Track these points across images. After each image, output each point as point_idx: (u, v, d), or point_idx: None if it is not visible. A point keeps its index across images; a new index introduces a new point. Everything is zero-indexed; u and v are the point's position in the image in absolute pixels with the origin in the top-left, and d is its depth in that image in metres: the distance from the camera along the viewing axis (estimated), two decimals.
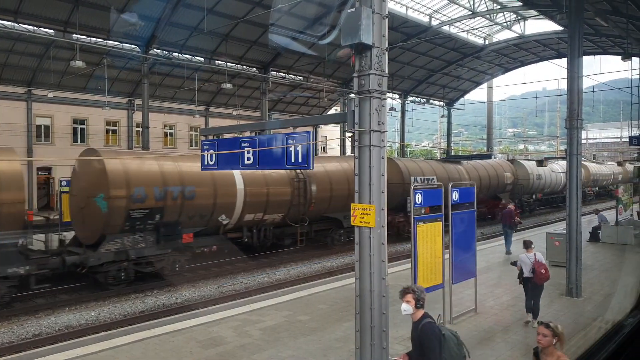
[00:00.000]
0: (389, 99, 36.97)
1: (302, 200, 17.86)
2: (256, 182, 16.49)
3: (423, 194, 8.62)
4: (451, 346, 4.73)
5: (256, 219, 16.89)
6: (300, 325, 9.47)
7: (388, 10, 6.11)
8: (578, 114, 11.42)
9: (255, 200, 16.33)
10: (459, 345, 4.83)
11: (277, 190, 17.10)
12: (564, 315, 10.00)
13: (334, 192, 19.10)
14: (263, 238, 17.43)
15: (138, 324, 10.51)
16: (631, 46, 24.07)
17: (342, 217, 19.60)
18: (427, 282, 8.65)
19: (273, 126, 14.33)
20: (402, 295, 4.96)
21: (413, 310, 4.78)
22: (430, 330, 4.65)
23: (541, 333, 4.20)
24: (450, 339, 4.77)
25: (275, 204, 17.09)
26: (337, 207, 19.33)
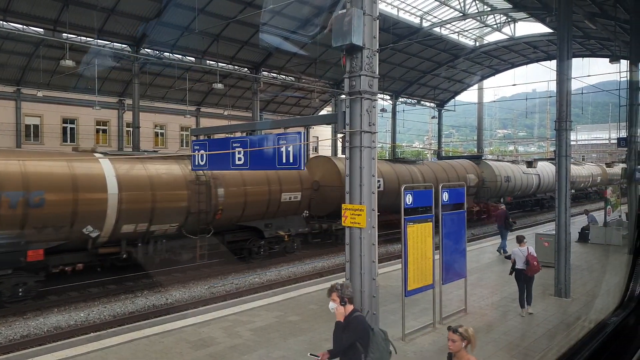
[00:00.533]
0: (380, 100, 37.10)
1: (205, 207, 14.86)
2: (137, 186, 13.46)
3: (414, 194, 8.66)
4: (379, 341, 4.82)
5: (139, 231, 13.69)
6: (291, 325, 9.47)
7: (379, 12, 6.14)
8: (567, 115, 11.53)
9: (134, 207, 13.24)
10: (386, 340, 4.91)
11: (167, 196, 14.06)
12: (552, 315, 10.09)
13: (249, 197, 16.32)
14: (152, 253, 14.33)
15: (128, 324, 10.45)
16: (619, 49, 24.37)
17: (262, 226, 17.09)
18: (418, 283, 8.70)
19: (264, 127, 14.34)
20: (329, 294, 5.05)
21: (337, 306, 4.84)
22: (359, 323, 4.73)
23: (450, 339, 4.14)
24: (379, 334, 4.87)
25: (165, 212, 14.03)
26: (255, 214, 16.81)
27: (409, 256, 8.42)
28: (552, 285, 11.59)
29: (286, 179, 17.67)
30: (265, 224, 17.25)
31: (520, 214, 33.40)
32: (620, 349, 1.27)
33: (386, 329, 8.58)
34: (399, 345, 8.33)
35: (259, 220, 17.13)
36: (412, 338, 8.64)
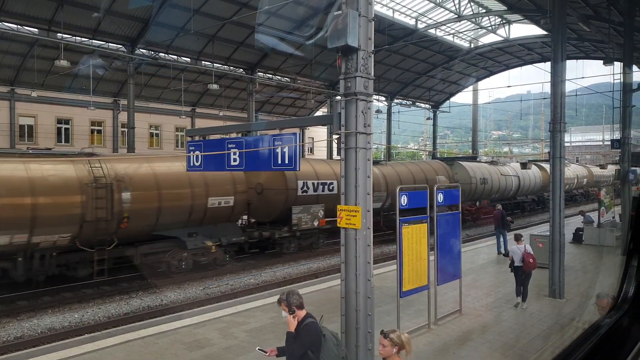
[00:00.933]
0: (375, 101, 37.15)
1: (105, 215, 12.70)
2: (10, 189, 11.36)
3: (408, 195, 8.68)
4: (330, 347, 4.73)
5: (17, 243, 11.54)
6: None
7: (374, 13, 6.15)
8: (561, 117, 11.59)
9: (8, 215, 11.21)
10: (338, 346, 4.85)
11: (53, 201, 11.91)
12: (547, 316, 10.13)
13: (165, 202, 14.04)
14: (38, 268, 12.26)
15: (122, 325, 10.41)
16: (613, 51, 24.52)
17: (184, 236, 14.88)
18: (413, 284, 8.72)
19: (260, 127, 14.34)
20: (278, 304, 4.99)
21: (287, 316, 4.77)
22: (310, 331, 4.66)
23: (381, 343, 4.08)
24: (330, 340, 4.79)
25: (51, 221, 11.88)
26: (174, 222, 14.60)
27: (404, 257, 8.44)
28: (546, 286, 11.64)
29: (215, 182, 15.57)
30: (189, 234, 15.10)
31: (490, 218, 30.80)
32: (613, 351, 1.28)
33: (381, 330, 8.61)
34: None
35: (181, 229, 14.85)
36: None
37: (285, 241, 18.26)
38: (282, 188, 17.82)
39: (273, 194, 18.04)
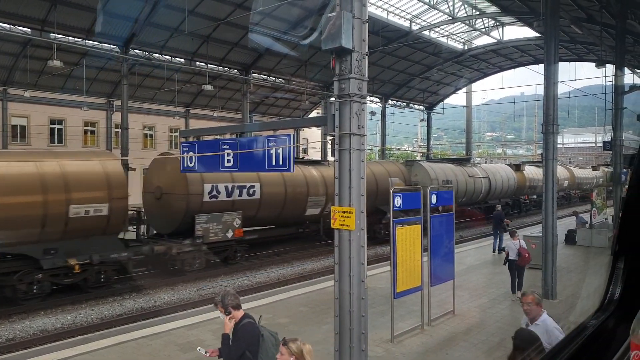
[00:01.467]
0: (369, 102, 37.22)
1: None
2: None
3: (402, 197, 8.72)
4: (269, 346, 4.72)
5: None
6: (280, 327, 9.46)
7: (368, 15, 6.18)
8: (554, 119, 11.68)
9: None
10: (277, 345, 4.85)
11: None
12: None
13: (7, 211, 11.35)
14: None
15: (115, 327, 10.37)
16: (605, 53, 24.71)
17: (38, 253, 12.12)
18: (406, 285, 8.75)
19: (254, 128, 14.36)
20: (215, 306, 4.94)
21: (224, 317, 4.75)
22: (248, 331, 4.65)
23: (279, 351, 4.07)
24: (269, 339, 4.78)
25: None
26: (20, 235, 11.85)
27: (397, 258, 8.47)
28: (539, 287, 11.71)
29: (79, 185, 12.62)
30: (46, 250, 12.16)
31: (465, 224, 27.14)
32: (598, 352, 1.30)
33: (375, 331, 8.65)
34: (388, 347, 8.38)
35: (33, 245, 12.03)
36: (400, 340, 8.68)
37: (187, 257, 15.22)
38: (182, 193, 15.19)
39: (173, 199, 15.41)
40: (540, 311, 4.90)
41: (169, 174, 15.78)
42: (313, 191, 19.15)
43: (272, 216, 18.32)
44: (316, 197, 19.32)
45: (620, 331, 1.31)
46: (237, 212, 16.38)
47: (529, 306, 4.93)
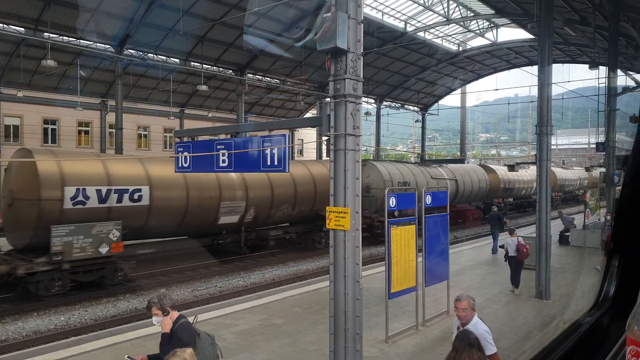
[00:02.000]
0: (364, 103, 37.27)
1: None
2: None
3: (397, 197, 8.73)
4: (205, 346, 4.75)
5: None
6: (275, 328, 9.46)
7: (364, 16, 6.19)
8: (548, 120, 11.74)
9: None
10: (213, 345, 4.85)
11: None
12: (532, 317, 10.24)
13: None
14: None
15: (109, 328, 10.32)
16: (598, 55, 24.87)
17: None
18: (401, 285, 8.77)
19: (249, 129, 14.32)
20: (148, 309, 4.79)
21: (162, 319, 4.68)
22: (185, 330, 4.65)
23: None
24: (205, 339, 4.81)
25: None
26: None
27: (392, 259, 8.48)
28: (534, 287, 11.77)
29: None
30: None
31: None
32: (593, 349, 1.31)
33: (370, 331, 8.66)
34: (383, 347, 8.39)
35: None
36: (395, 340, 8.69)
37: (43, 278, 12.20)
38: (33, 198, 12.20)
39: (23, 206, 12.51)
40: (473, 315, 4.91)
41: (22, 174, 12.83)
42: (228, 195, 16.35)
43: (169, 226, 15.22)
44: (232, 203, 16.53)
45: (615, 327, 1.33)
46: (115, 222, 13.30)
47: (464, 312, 4.92)
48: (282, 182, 18.19)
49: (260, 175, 17.16)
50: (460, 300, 5.02)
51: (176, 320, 4.70)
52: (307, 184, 19.39)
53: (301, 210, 19.37)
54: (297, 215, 19.43)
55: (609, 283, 1.52)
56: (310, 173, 19.62)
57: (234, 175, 16.72)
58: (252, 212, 17.47)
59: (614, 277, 1.51)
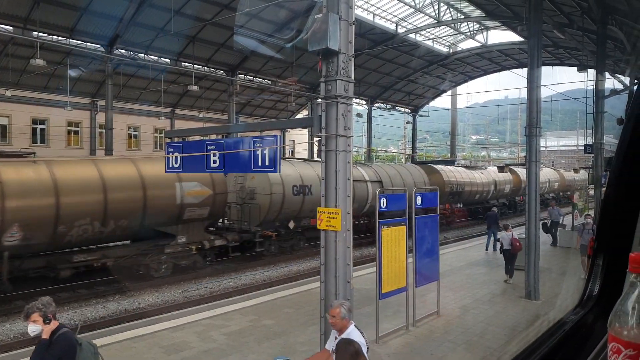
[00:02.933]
0: (355, 104, 37.34)
1: None
2: None
3: (388, 198, 8.77)
4: (87, 355, 4.59)
5: None
6: (266, 329, 9.45)
7: (355, 17, 6.22)
8: (537, 122, 11.85)
9: None
10: (96, 355, 4.68)
11: None
12: (522, 317, 10.33)
13: None
14: None
15: (98, 329, 10.24)
16: (586, 58, 25.15)
17: None
18: (391, 286, 8.80)
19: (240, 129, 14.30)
20: (26, 317, 4.51)
21: (42, 327, 4.46)
22: (65, 339, 4.49)
23: None
24: (87, 349, 4.65)
25: None
26: None
27: (383, 259, 8.51)
28: (523, 287, 11.87)
29: None
30: None
31: None
32: (577, 346, 1.34)
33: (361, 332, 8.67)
34: (373, 348, 8.41)
35: None
36: (385, 341, 8.72)
37: None
38: None
39: None
40: (348, 323, 4.68)
41: None
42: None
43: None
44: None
45: (598, 326, 1.35)
46: None
47: (334, 319, 4.68)
48: (79, 186, 12.95)
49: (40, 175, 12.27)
50: (332, 306, 4.80)
51: (56, 330, 4.47)
52: (130, 188, 13.91)
53: (120, 226, 13.68)
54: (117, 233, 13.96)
55: (593, 282, 1.55)
56: (139, 174, 14.13)
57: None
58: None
59: (598, 276, 1.54)
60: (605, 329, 0.97)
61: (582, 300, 1.60)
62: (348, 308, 4.75)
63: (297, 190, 18.53)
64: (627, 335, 0.89)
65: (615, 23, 17.81)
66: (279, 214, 18.32)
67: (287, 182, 18.17)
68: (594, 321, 1.44)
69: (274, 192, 17.71)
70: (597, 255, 1.56)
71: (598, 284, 1.53)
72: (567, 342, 1.34)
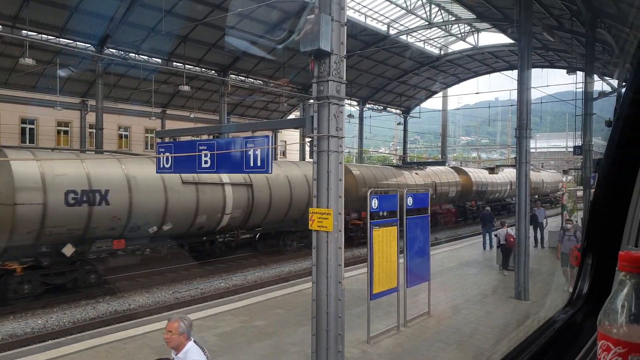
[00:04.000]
0: (347, 105, 37.38)
1: None
2: None
3: (379, 199, 8.80)
4: None
5: None
6: (257, 330, 9.43)
7: (347, 18, 6.24)
8: (527, 123, 11.95)
9: None
10: None
11: None
12: (512, 317, 10.41)
13: None
14: None
15: (88, 331, 10.17)
16: (575, 60, 25.39)
17: None
18: (383, 286, 8.83)
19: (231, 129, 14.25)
20: None
21: None
22: None
23: None
24: None
25: None
26: None
27: (374, 260, 8.54)
28: (512, 288, 11.96)
29: None
30: None
31: None
32: (567, 344, 1.36)
33: (352, 332, 8.69)
34: (364, 348, 8.43)
35: None
36: (376, 341, 8.74)
37: None
38: None
39: None
40: (186, 341, 4.20)
41: None
42: None
43: None
44: None
45: (588, 324, 1.37)
46: None
47: (170, 335, 4.19)
48: None
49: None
50: (170, 320, 4.32)
51: None
52: None
53: None
54: None
55: (583, 281, 1.57)
56: None
57: None
58: None
59: (587, 275, 1.56)
60: (595, 327, 0.99)
61: (571, 299, 1.62)
62: (189, 323, 4.30)
63: (77, 198, 12.58)
64: (616, 333, 0.90)
65: (604, 26, 18.01)
66: (38, 234, 12.09)
67: (56, 186, 12.27)
68: (583, 320, 1.46)
69: (23, 202, 11.67)
70: (587, 255, 1.58)
71: (587, 283, 1.55)
72: (557, 341, 1.36)
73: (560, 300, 11.95)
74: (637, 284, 0.89)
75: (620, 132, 1.41)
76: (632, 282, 0.90)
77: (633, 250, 0.92)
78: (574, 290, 1.62)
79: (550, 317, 1.51)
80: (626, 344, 0.88)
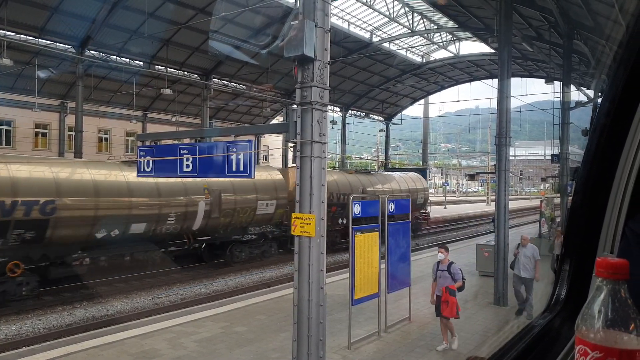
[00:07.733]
0: (330, 111, 37.46)
1: None
2: None
3: (361, 204, 8.83)
4: None
5: None
6: (237, 336, 9.36)
7: (331, 25, 6.28)
8: (506, 132, 12.15)
9: None
10: None
11: None
12: (490, 322, 10.52)
13: None
14: None
15: (64, 337, 9.96)
16: (553, 71, 25.92)
17: None
18: (364, 292, 8.85)
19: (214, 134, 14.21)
20: None
21: None
22: None
23: None
24: None
25: None
26: None
27: (356, 265, 8.56)
28: (491, 293, 12.09)
29: None
30: None
31: None
32: (545, 349, 1.38)
33: (333, 338, 8.68)
34: (345, 354, 8.42)
35: None
36: (357, 347, 8.75)
37: None
38: None
39: None
40: None
41: None
42: None
43: None
44: None
45: (566, 329, 1.40)
46: None
47: None
48: None
49: None
50: None
51: None
52: None
53: None
54: None
55: (560, 287, 1.60)
56: None
57: None
58: None
59: (565, 281, 1.59)
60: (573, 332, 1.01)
61: (549, 305, 1.64)
62: None
63: None
64: (593, 338, 0.92)
65: (580, 38, 18.45)
66: None
67: None
68: (561, 325, 1.48)
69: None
70: (565, 260, 1.61)
71: (565, 289, 1.58)
72: (535, 346, 1.38)
73: (537, 304, 12.11)
74: (613, 289, 0.91)
75: (596, 141, 1.45)
76: (608, 288, 0.92)
77: (609, 257, 0.94)
78: (551, 296, 1.65)
79: (529, 323, 1.53)
80: (603, 349, 0.90)
